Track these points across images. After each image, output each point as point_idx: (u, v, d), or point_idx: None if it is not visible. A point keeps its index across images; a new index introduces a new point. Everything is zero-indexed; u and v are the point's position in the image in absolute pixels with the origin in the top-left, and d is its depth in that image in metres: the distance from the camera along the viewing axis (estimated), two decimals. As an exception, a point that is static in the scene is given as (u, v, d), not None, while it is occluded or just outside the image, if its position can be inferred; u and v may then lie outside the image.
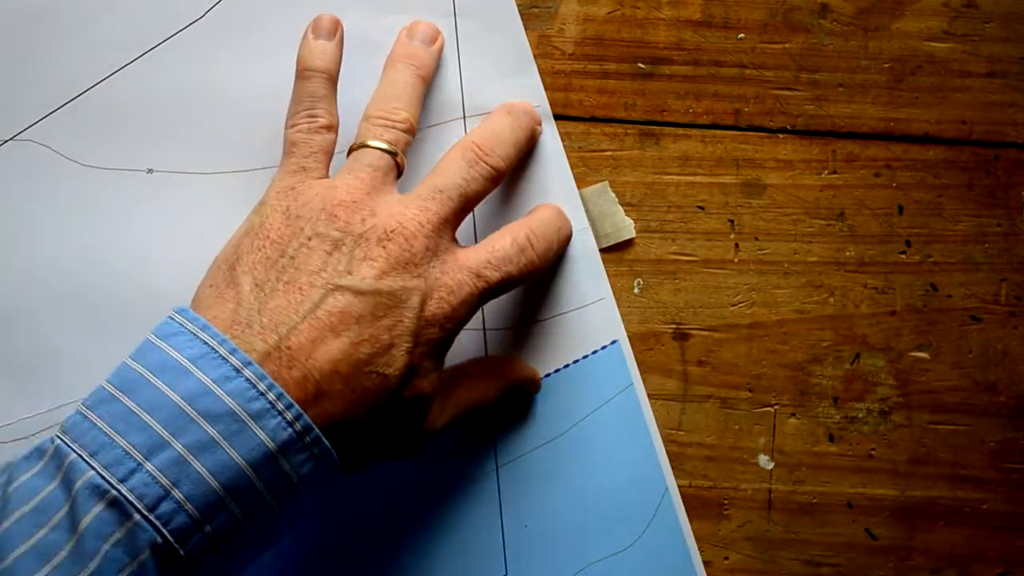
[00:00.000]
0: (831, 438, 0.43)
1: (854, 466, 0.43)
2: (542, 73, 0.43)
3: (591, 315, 0.43)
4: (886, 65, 0.44)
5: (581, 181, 0.43)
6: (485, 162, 0.37)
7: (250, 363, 0.30)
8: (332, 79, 0.37)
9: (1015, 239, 0.44)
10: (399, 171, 0.37)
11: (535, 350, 0.42)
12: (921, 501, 0.43)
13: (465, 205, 0.36)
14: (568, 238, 0.41)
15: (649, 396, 0.43)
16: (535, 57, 0.43)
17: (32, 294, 0.41)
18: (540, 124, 0.42)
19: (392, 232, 0.33)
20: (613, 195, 0.43)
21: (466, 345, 0.42)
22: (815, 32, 0.44)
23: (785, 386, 0.43)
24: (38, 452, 0.30)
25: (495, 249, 0.36)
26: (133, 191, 0.42)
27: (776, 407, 0.43)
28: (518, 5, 0.43)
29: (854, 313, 0.44)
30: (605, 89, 0.43)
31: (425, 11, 0.42)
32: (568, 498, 0.42)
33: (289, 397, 0.30)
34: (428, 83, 0.40)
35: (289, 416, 0.30)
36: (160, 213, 0.42)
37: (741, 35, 0.44)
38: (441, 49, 0.40)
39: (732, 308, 0.44)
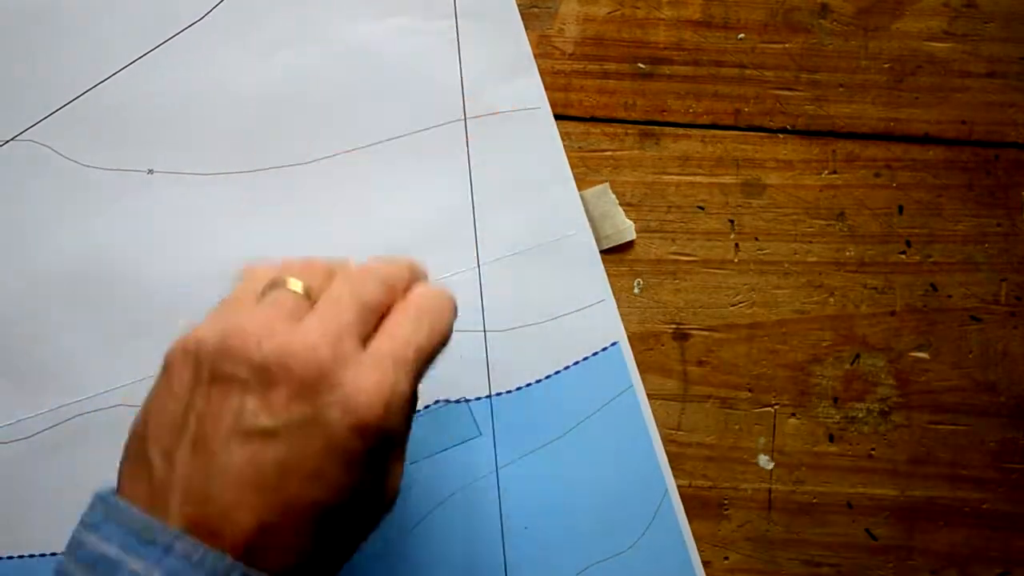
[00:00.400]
0: (831, 438, 0.43)
1: (854, 466, 0.43)
2: (542, 73, 0.43)
3: (591, 317, 0.43)
4: (886, 65, 0.44)
5: (581, 181, 0.43)
6: (369, 270, 0.34)
7: (179, 536, 0.29)
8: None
9: (1015, 239, 0.44)
10: None
11: (536, 352, 0.42)
12: (921, 501, 0.43)
13: (364, 313, 0.33)
14: (454, 303, 0.35)
15: (649, 396, 0.43)
16: (535, 57, 0.43)
17: (32, 294, 0.41)
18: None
19: (292, 352, 0.30)
20: (614, 197, 0.43)
21: (466, 347, 0.42)
22: (815, 32, 0.44)
23: (785, 386, 0.43)
24: None
25: (394, 330, 0.32)
26: (133, 191, 0.42)
27: (776, 407, 0.43)
28: (518, 5, 0.43)
29: (854, 313, 0.44)
30: (605, 89, 0.43)
31: (425, 11, 0.42)
32: (568, 499, 0.42)
33: (229, 558, 0.28)
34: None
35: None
36: (160, 213, 0.42)
37: (741, 35, 0.44)
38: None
39: (732, 308, 0.44)
